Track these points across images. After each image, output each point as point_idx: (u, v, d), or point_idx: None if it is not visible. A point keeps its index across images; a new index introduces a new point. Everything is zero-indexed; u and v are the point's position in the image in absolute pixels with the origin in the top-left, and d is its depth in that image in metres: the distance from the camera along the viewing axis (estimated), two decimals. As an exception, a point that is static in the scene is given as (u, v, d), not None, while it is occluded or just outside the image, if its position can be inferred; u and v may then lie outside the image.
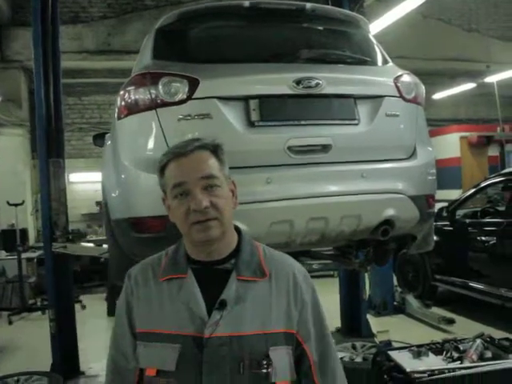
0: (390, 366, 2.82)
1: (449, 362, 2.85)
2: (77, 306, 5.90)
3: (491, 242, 5.61)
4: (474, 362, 2.80)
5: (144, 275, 1.44)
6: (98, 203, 10.38)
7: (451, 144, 11.72)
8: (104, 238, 6.44)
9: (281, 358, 1.33)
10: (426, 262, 6.60)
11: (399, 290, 6.80)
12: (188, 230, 1.35)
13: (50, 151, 4.76)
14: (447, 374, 2.66)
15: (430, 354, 2.95)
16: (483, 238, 5.74)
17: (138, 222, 2.57)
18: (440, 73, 11.38)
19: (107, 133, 4.70)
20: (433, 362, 2.85)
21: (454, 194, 8.22)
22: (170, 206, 1.41)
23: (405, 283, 7.04)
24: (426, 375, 2.65)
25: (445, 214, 6.34)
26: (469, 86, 11.68)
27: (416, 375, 2.66)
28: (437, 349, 3.02)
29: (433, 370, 2.70)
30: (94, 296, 8.42)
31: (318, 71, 2.68)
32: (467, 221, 6.23)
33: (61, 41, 5.23)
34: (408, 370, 2.71)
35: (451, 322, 5.62)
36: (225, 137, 2.53)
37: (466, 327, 5.45)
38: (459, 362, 2.84)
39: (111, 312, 7.75)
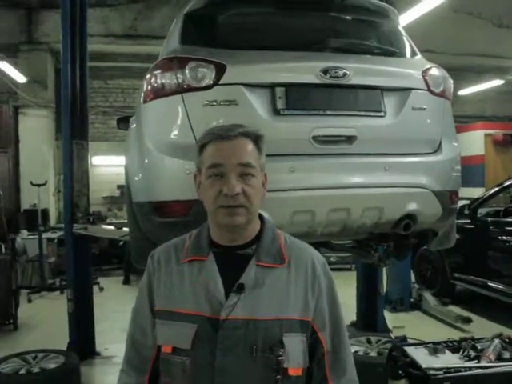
0: (405, 362, 2.79)
1: (465, 361, 2.81)
2: (95, 288, 6.00)
3: (512, 242, 5.53)
4: (491, 361, 2.76)
5: (167, 256, 1.48)
6: (119, 187, 10.52)
7: (475, 141, 11.53)
8: (124, 221, 6.52)
9: (294, 345, 1.35)
10: (444, 260, 6.53)
11: (416, 286, 6.75)
12: (215, 212, 1.38)
13: (73, 133, 4.81)
14: (464, 373, 2.62)
15: (447, 351, 2.91)
16: (505, 238, 5.66)
17: (161, 206, 2.58)
18: (467, 68, 11.17)
19: (131, 116, 4.74)
20: (449, 359, 2.82)
21: (477, 192, 8.10)
22: (200, 183, 1.43)
23: (422, 280, 6.99)
24: (441, 372, 2.62)
25: (466, 211, 6.26)
26: (496, 82, 11.46)
27: (432, 372, 2.63)
28: (454, 347, 2.99)
29: (449, 368, 2.67)
30: (112, 279, 8.54)
31: (345, 61, 2.66)
32: (489, 219, 6.14)
33: (88, 24, 5.26)
34: (424, 366, 2.69)
35: (468, 320, 5.55)
36: (250, 124, 2.54)
37: (482, 327, 5.39)
38: (476, 361, 2.80)
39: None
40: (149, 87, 2.66)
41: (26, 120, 9.50)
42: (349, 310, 5.63)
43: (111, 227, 4.70)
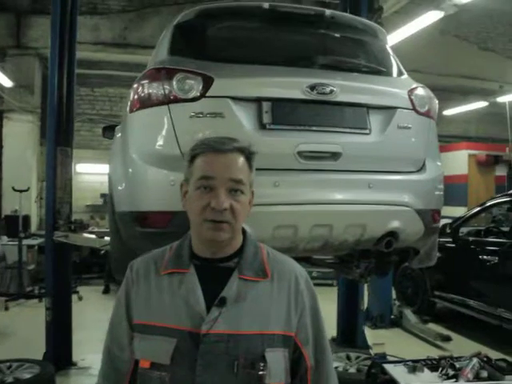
0: (384, 379, 2.81)
1: (444, 380, 2.83)
2: (74, 297, 5.91)
3: (493, 262, 5.58)
4: (469, 380, 2.78)
5: (146, 268, 1.45)
6: (102, 195, 10.44)
7: (459, 161, 11.69)
8: (106, 230, 6.45)
9: (276, 360, 1.32)
10: (425, 278, 6.58)
11: (397, 303, 6.77)
12: (199, 225, 1.36)
13: (58, 139, 4.79)
14: (441, 391, 2.64)
15: (426, 369, 2.93)
16: (485, 258, 5.71)
17: (143, 217, 2.56)
18: (453, 89, 11.36)
19: (117, 125, 4.73)
20: (428, 378, 2.84)
21: (459, 211, 8.19)
22: (187, 193, 1.41)
23: (403, 297, 7.02)
24: (420, 391, 2.64)
25: (448, 230, 6.31)
26: (481, 104, 11.66)
27: (410, 390, 2.64)
28: (432, 365, 3.01)
29: (427, 386, 2.68)
30: (91, 288, 8.43)
31: (332, 78, 2.68)
32: (470, 239, 6.20)
33: (78, 31, 5.25)
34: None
35: (447, 339, 5.59)
36: (235, 137, 2.56)
37: (462, 345, 5.43)
38: (454, 379, 2.82)
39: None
40: (135, 96, 2.65)
41: (10, 125, 9.41)
42: (329, 326, 5.62)
43: (92, 236, 4.63)
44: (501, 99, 10.74)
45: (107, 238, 4.10)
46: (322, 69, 2.80)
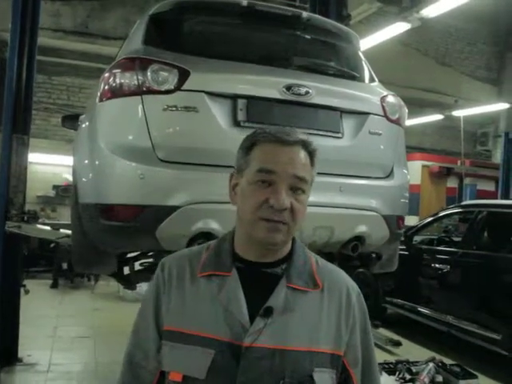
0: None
1: (401, 383, 2.87)
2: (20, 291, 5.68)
3: (444, 270, 5.74)
4: (425, 385, 2.83)
5: (180, 268, 1.29)
6: (55, 187, 10.11)
7: (413, 171, 11.96)
8: (62, 222, 6.24)
9: (324, 382, 1.18)
10: (378, 283, 6.69)
11: (350, 308, 6.85)
12: (252, 223, 1.20)
13: (15, 126, 4.58)
14: (400, 395, 2.67)
15: (384, 373, 2.97)
16: (437, 266, 5.87)
17: (108, 209, 2.49)
18: (410, 101, 11.56)
19: (79, 115, 4.58)
20: (386, 381, 2.88)
21: (412, 220, 8.39)
22: (239, 186, 1.25)
23: (356, 302, 7.10)
24: (378, 394, 2.66)
25: (402, 238, 6.44)
26: (436, 117, 12.03)
27: (369, 393, 2.67)
28: (390, 369, 3.06)
29: (385, 390, 2.72)
30: (39, 282, 8.15)
31: (308, 80, 2.68)
32: (423, 247, 6.36)
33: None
34: (361, 387, 2.72)
35: (398, 344, 5.69)
36: (208, 133, 2.53)
37: (411, 351, 5.54)
38: (411, 383, 2.87)
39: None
40: (106, 86, 2.58)
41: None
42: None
43: (47, 228, 4.47)
44: (456, 113, 11.10)
45: (63, 231, 3.97)
46: (298, 70, 2.80)
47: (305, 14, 2.96)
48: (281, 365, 1.15)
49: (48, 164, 9.77)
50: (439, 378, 2.93)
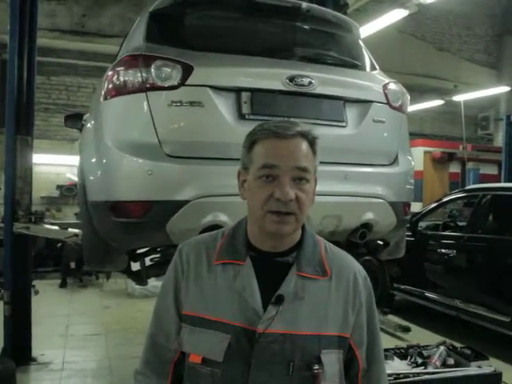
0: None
1: (413, 367, 2.91)
2: (30, 291, 5.72)
3: (450, 255, 5.76)
4: (437, 367, 2.86)
5: (197, 254, 1.35)
6: (58, 187, 10.15)
7: (415, 158, 11.81)
8: (69, 221, 6.27)
9: (332, 363, 1.26)
10: (385, 270, 6.72)
11: (357, 295, 6.89)
12: (262, 217, 1.25)
13: (18, 127, 4.61)
14: (412, 378, 2.71)
15: (395, 358, 3.00)
16: (443, 251, 5.89)
17: (118, 206, 2.51)
18: (410, 87, 11.58)
19: (81, 114, 4.60)
20: (398, 366, 2.91)
21: (416, 207, 8.41)
22: (246, 183, 1.31)
23: (363, 290, 7.14)
24: (392, 378, 2.70)
25: (407, 224, 6.47)
26: (437, 102, 12.00)
27: (382, 378, 2.70)
28: (401, 354, 3.09)
29: (398, 374, 2.75)
30: (47, 282, 8.18)
31: (311, 70, 2.70)
32: (429, 233, 6.39)
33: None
34: (374, 372, 2.75)
35: (407, 330, 5.74)
36: (214, 127, 2.55)
37: (421, 336, 5.57)
38: (423, 367, 2.90)
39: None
40: (110, 84, 2.59)
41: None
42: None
43: (55, 227, 4.50)
44: (456, 98, 11.08)
45: (72, 230, 4.00)
46: (300, 61, 2.82)
47: (304, 5, 2.97)
48: (291, 348, 1.23)
49: (50, 164, 9.82)
50: (451, 361, 2.96)
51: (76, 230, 3.76)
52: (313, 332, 1.25)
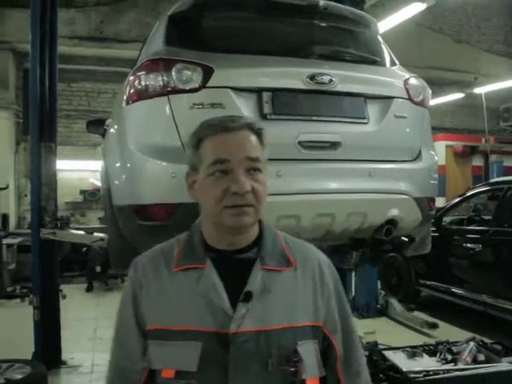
0: (386, 366, 2.84)
1: (443, 364, 2.88)
2: (58, 295, 5.81)
3: (476, 250, 5.70)
4: (468, 364, 2.83)
5: (154, 265, 1.30)
6: (82, 192, 10.29)
7: (437, 152, 11.84)
8: (94, 226, 6.35)
9: (309, 353, 1.24)
10: (410, 266, 6.67)
11: (383, 292, 6.86)
12: (219, 213, 1.22)
13: (42, 135, 4.69)
14: (443, 375, 2.68)
15: (425, 355, 2.98)
16: (469, 245, 5.82)
17: (142, 210, 2.53)
18: (430, 81, 11.46)
19: (102, 119, 4.65)
20: (427, 362, 2.89)
21: (439, 202, 8.31)
22: (195, 182, 1.29)
23: (388, 286, 7.10)
24: (421, 375, 2.68)
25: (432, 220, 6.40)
26: (457, 95, 11.85)
27: (412, 375, 2.68)
28: (430, 350, 3.06)
29: (428, 371, 2.73)
30: (74, 286, 8.30)
31: (331, 68, 2.69)
32: (454, 227, 6.32)
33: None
34: (404, 369, 2.74)
35: (434, 326, 5.68)
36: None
37: (448, 332, 5.50)
38: (453, 363, 2.87)
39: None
40: (132, 89, 2.61)
41: (-16, 121, 9.19)
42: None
43: (81, 232, 4.56)
44: (477, 90, 10.92)
45: (98, 234, 4.05)
46: (319, 59, 2.81)
47: (322, 3, 2.95)
48: (266, 344, 1.20)
49: (73, 170, 9.95)
50: (481, 357, 2.92)
51: (101, 235, 3.81)
52: (285, 325, 1.23)
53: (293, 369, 1.21)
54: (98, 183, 7.92)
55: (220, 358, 1.18)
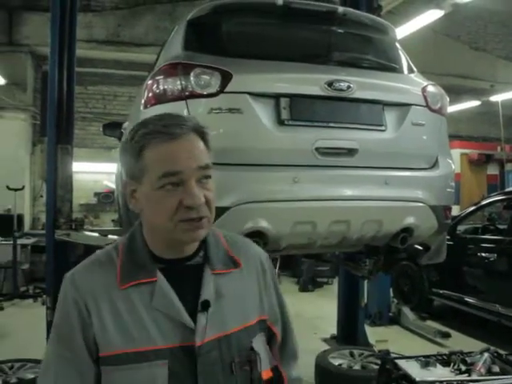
0: (398, 375, 2.81)
1: (456, 374, 2.84)
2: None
3: (491, 259, 5.64)
4: (482, 375, 2.79)
5: (97, 281, 1.19)
6: (96, 194, 10.35)
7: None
8: (108, 228, 6.37)
9: (261, 347, 1.27)
10: (423, 275, 6.62)
11: (395, 301, 6.81)
12: (173, 228, 1.15)
13: (59, 137, 4.72)
14: (457, 386, 2.65)
15: (438, 365, 2.94)
16: (483, 255, 5.77)
17: None
18: (446, 89, 11.42)
19: (119, 123, 4.69)
20: (441, 373, 2.84)
21: (453, 210, 8.25)
22: (139, 193, 1.19)
23: (401, 295, 7.05)
24: (434, 386, 2.65)
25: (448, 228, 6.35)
26: (473, 103, 11.76)
27: (425, 385, 2.65)
28: (444, 360, 3.01)
29: (441, 381, 2.69)
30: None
31: (349, 75, 2.69)
32: (468, 236, 6.26)
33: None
34: (417, 379, 2.70)
35: (447, 335, 5.62)
36: (254, 133, 2.57)
37: (461, 342, 5.45)
38: (467, 374, 2.83)
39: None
40: (150, 93, 2.63)
41: (2, 123, 9.28)
42: (329, 324, 5.66)
43: (95, 234, 4.59)
44: (493, 98, 10.84)
45: (111, 236, 4.07)
46: (337, 65, 2.82)
47: (340, 9, 2.96)
48: (228, 349, 1.20)
49: (88, 172, 10.00)
50: (496, 368, 2.87)
51: (116, 237, 3.83)
52: (240, 326, 1.24)
53: (251, 366, 1.23)
54: (113, 185, 7.98)
55: (189, 372, 1.15)
